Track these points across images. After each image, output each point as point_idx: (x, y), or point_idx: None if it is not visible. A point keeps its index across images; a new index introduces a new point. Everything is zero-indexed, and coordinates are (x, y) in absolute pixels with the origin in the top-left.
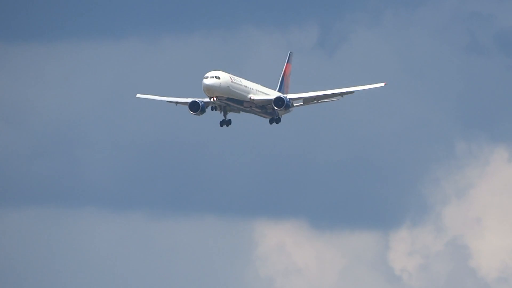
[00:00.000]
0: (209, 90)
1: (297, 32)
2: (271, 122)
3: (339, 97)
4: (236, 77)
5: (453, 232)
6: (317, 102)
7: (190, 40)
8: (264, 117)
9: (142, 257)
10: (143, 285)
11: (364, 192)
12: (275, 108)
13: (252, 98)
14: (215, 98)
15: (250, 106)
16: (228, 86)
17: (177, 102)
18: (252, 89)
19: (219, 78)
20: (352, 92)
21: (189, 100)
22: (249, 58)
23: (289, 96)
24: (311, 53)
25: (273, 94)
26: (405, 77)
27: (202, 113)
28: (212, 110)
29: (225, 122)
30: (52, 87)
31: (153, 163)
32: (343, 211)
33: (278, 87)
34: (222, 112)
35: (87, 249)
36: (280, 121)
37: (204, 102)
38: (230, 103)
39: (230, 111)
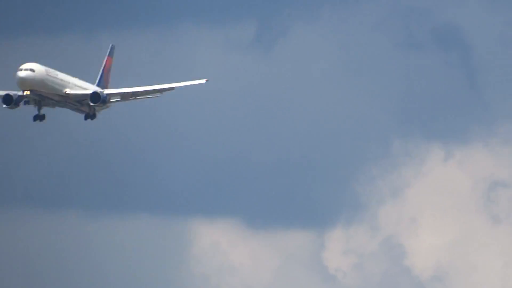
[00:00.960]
0: (23, 83)
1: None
2: (86, 118)
3: (158, 94)
4: (52, 70)
5: (388, 231)
6: (135, 98)
7: None
8: (80, 112)
9: None
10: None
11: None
12: (91, 103)
13: (67, 92)
14: (28, 92)
15: (66, 101)
16: (43, 80)
17: None
18: (69, 83)
19: (33, 71)
20: (173, 88)
21: (2, 93)
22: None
23: (107, 91)
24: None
25: (90, 88)
26: (339, 73)
27: (16, 107)
28: (24, 104)
29: (39, 117)
30: None
31: None
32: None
33: (97, 81)
34: (37, 107)
35: None
36: (95, 117)
37: (18, 95)
38: (45, 96)
39: (45, 105)
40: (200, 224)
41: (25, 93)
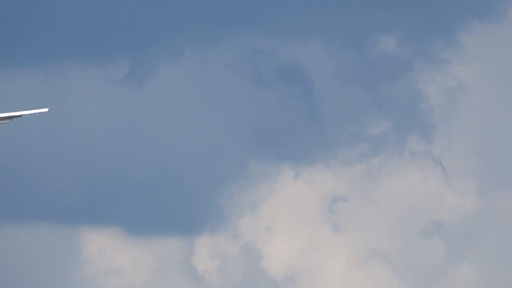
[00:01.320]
0: None
1: None
2: None
3: (8, 120)
4: None
5: (247, 238)
6: None
7: None
8: None
9: None
10: None
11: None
12: None
13: None
14: None
15: None
16: None
17: None
18: None
19: None
20: (20, 116)
21: None
22: None
23: None
24: None
25: None
26: (201, 107)
27: None
28: None
29: None
30: None
31: None
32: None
33: None
34: None
35: None
36: None
37: None
38: None
39: None
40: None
41: None
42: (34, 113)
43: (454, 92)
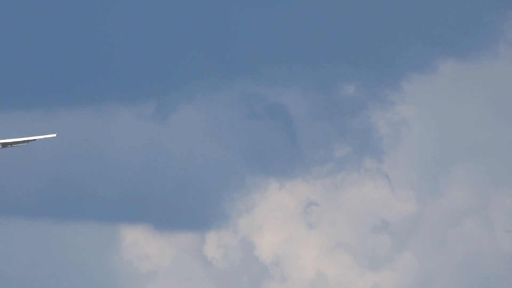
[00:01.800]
0: None
1: None
2: None
3: (25, 143)
4: None
5: (244, 233)
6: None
7: None
8: None
9: None
10: None
11: None
12: None
13: None
14: None
15: None
16: None
17: None
18: None
19: None
20: (34, 139)
21: None
22: None
23: None
24: None
25: None
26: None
27: None
28: None
29: None
30: None
31: None
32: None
33: None
34: None
35: None
36: None
37: None
38: None
39: None
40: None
41: None
42: (45, 138)
43: (398, 125)
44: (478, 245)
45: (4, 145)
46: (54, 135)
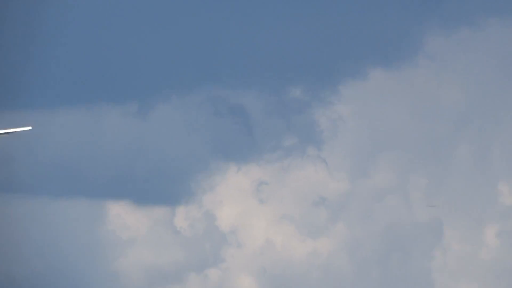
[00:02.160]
0: None
1: None
2: None
3: (6, 135)
4: None
5: (207, 208)
6: None
7: None
8: None
9: None
10: None
11: None
12: None
13: None
14: None
15: None
16: None
17: None
18: None
19: None
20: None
21: None
22: None
23: None
24: None
25: None
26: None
27: None
28: None
29: None
30: None
31: None
32: None
33: None
34: None
35: None
36: None
37: None
38: None
39: None
40: None
41: None
42: (20, 131)
43: (335, 121)
44: (398, 217)
45: None
46: (29, 128)
